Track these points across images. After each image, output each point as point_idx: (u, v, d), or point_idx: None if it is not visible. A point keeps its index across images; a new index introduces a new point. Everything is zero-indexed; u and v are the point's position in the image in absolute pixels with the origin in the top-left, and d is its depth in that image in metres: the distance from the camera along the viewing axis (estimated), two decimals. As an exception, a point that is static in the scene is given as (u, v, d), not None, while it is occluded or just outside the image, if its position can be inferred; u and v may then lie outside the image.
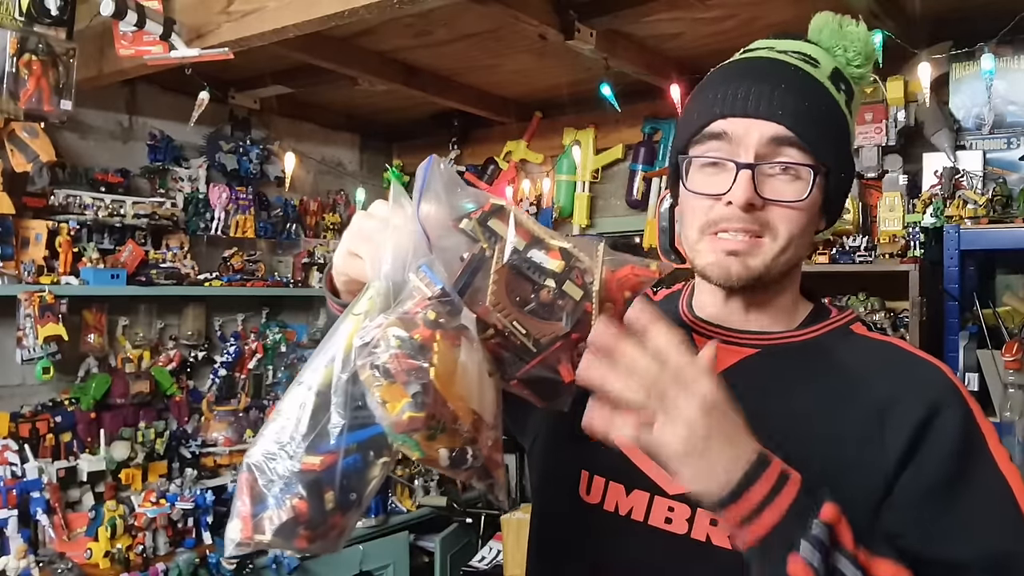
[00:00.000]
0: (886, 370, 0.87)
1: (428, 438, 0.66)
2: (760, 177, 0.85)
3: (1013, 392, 2.11)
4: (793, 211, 0.85)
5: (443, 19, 2.55)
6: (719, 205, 0.86)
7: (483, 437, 0.69)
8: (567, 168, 3.58)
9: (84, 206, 2.86)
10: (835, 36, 0.91)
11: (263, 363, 3.57)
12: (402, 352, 0.66)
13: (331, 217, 3.89)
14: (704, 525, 0.86)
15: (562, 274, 0.71)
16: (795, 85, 0.86)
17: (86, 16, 2.30)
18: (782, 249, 0.87)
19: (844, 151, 0.89)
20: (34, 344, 2.65)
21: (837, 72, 0.90)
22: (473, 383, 0.68)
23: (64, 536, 2.69)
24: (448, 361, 0.66)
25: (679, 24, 2.57)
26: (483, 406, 0.69)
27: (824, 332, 0.93)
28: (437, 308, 0.68)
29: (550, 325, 0.71)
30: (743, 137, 0.85)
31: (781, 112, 0.84)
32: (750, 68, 0.90)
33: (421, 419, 0.64)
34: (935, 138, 2.52)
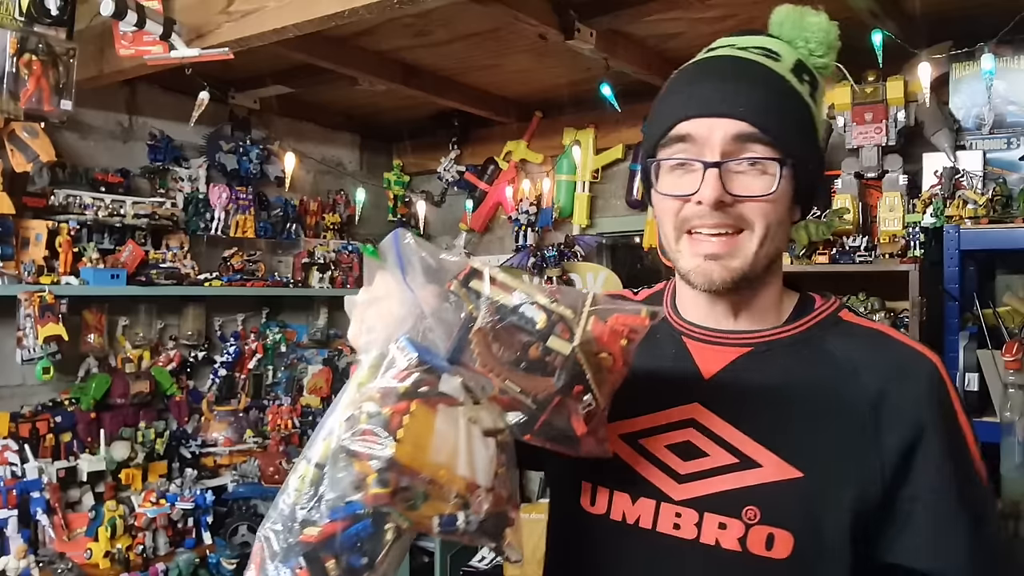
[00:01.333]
0: (876, 361, 0.88)
1: (409, 508, 0.68)
2: (728, 174, 0.85)
3: (1013, 392, 2.11)
4: (765, 204, 0.86)
5: (443, 19, 2.55)
6: (690, 205, 0.87)
7: (477, 500, 0.70)
8: (567, 168, 3.58)
9: (84, 206, 2.86)
10: (796, 28, 0.91)
11: (263, 363, 3.57)
12: (369, 428, 0.68)
13: (331, 217, 3.89)
14: (713, 529, 0.86)
15: (545, 330, 0.71)
16: (756, 80, 0.87)
17: (86, 16, 2.30)
18: (760, 243, 0.87)
19: (810, 141, 0.89)
20: (34, 344, 2.65)
21: (800, 64, 0.90)
22: (457, 449, 0.69)
23: (64, 536, 2.69)
24: (420, 432, 0.68)
25: (679, 24, 2.57)
26: (474, 469, 0.70)
27: (812, 324, 0.93)
28: (415, 377, 0.70)
29: (542, 381, 0.72)
30: (707, 136, 0.86)
31: (743, 108, 0.85)
32: (711, 67, 0.91)
33: (386, 495, 0.66)
34: (935, 138, 2.51)
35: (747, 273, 0.88)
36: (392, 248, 0.76)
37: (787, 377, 0.90)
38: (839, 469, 0.84)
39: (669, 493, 0.88)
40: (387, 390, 0.70)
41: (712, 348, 0.94)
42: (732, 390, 0.90)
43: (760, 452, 0.85)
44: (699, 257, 0.88)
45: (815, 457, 0.84)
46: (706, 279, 0.88)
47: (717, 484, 0.86)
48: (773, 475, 0.84)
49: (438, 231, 4.21)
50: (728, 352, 0.93)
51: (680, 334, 0.97)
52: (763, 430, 0.86)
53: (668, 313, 1.00)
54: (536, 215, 3.63)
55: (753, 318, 0.94)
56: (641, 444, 0.91)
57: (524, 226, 3.63)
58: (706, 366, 0.92)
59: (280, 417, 3.50)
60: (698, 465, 0.88)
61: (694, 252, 0.88)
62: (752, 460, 0.85)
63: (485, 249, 3.98)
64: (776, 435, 0.86)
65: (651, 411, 0.91)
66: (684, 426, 0.90)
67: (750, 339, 0.93)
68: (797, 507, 0.84)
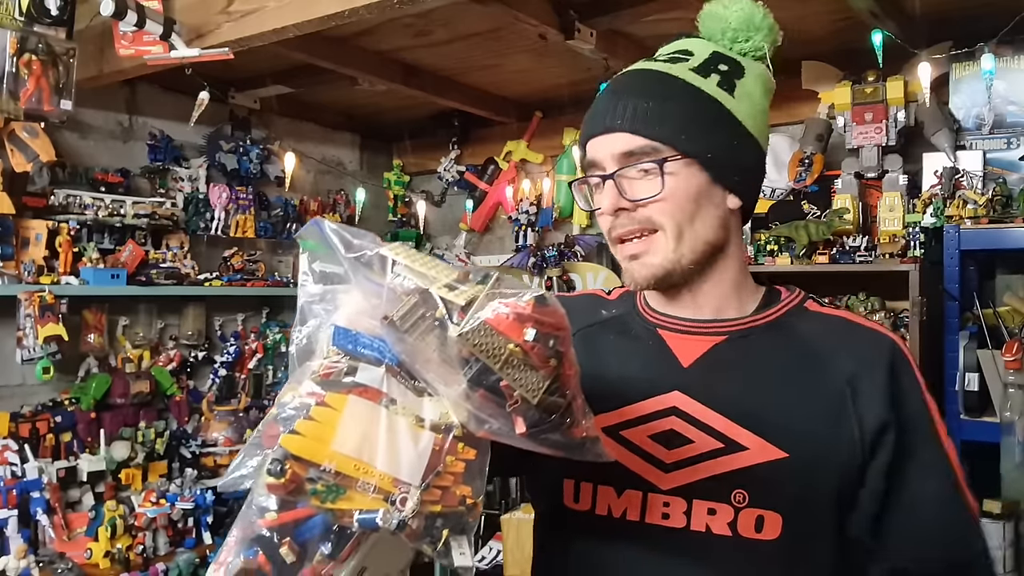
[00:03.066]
0: (847, 343, 0.92)
1: (321, 501, 0.65)
2: (624, 182, 0.91)
3: (1013, 392, 2.11)
4: (663, 203, 0.90)
5: (443, 19, 2.55)
6: (607, 216, 0.93)
7: (400, 497, 0.66)
8: (567, 168, 3.58)
9: (84, 206, 2.86)
10: (715, 20, 0.96)
11: (263, 363, 3.57)
12: (275, 419, 0.68)
13: (331, 217, 3.88)
14: (702, 515, 0.87)
15: (443, 319, 0.67)
16: (637, 90, 0.92)
17: (86, 16, 2.30)
18: (676, 238, 0.90)
19: (711, 132, 0.91)
20: (34, 344, 2.64)
21: (714, 56, 0.94)
22: (373, 441, 0.67)
23: (64, 536, 2.69)
24: (326, 422, 0.66)
25: (679, 24, 2.55)
26: (397, 464, 0.67)
27: (783, 313, 0.96)
28: (336, 367, 0.69)
29: (452, 374, 0.68)
30: (602, 153, 0.92)
31: (620, 121, 0.90)
32: (609, 87, 0.96)
33: (279, 485, 0.65)
34: (935, 138, 2.51)
35: (669, 268, 0.92)
36: (321, 238, 0.74)
37: (765, 361, 0.92)
38: (822, 448, 0.86)
39: (656, 483, 0.89)
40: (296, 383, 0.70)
41: (689, 338, 0.96)
42: (712, 376, 0.92)
43: (744, 435, 0.87)
44: (625, 259, 0.94)
45: (799, 437, 0.87)
46: (631, 278, 0.95)
47: (704, 470, 0.87)
48: (759, 457, 0.86)
49: (438, 231, 4.21)
50: (704, 341, 0.95)
51: (655, 327, 0.98)
52: (746, 413, 0.88)
53: (642, 309, 1.02)
54: (536, 215, 3.63)
55: (716, 305, 0.97)
56: (623, 436, 0.92)
57: (524, 226, 3.63)
58: (684, 355, 0.94)
59: (280, 417, 3.49)
60: (683, 452, 0.89)
61: (622, 256, 0.94)
62: (737, 443, 0.87)
63: (485, 249, 3.98)
64: (759, 418, 0.88)
65: (631, 402, 0.93)
66: (666, 415, 0.91)
67: (725, 328, 0.95)
68: (784, 487, 0.85)
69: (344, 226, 0.73)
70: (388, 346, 0.70)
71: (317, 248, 0.74)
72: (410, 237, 4.11)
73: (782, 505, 0.85)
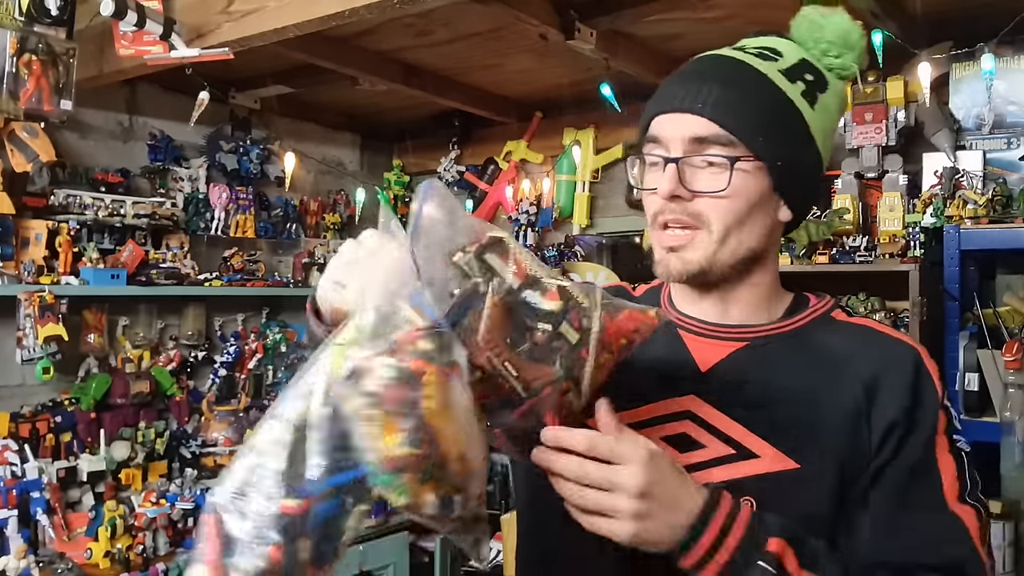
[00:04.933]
0: (867, 352, 0.90)
1: (419, 481, 0.61)
2: (688, 170, 0.87)
3: (1013, 392, 2.11)
4: (721, 201, 0.87)
5: (443, 19, 2.55)
6: (657, 199, 0.89)
7: (471, 486, 0.65)
8: (567, 168, 3.58)
9: (84, 206, 2.86)
10: (811, 28, 0.92)
11: (263, 363, 3.57)
12: (394, 383, 0.60)
13: (331, 217, 3.89)
14: None
15: (559, 315, 0.68)
16: (725, 78, 0.88)
17: (86, 16, 2.30)
18: (720, 240, 0.88)
19: (786, 140, 0.89)
20: (34, 344, 2.64)
21: (803, 64, 0.91)
22: (463, 425, 0.64)
23: (64, 536, 2.68)
24: (440, 397, 0.62)
25: (680, 24, 2.57)
26: (472, 451, 0.65)
27: (808, 321, 0.95)
28: (429, 341, 0.63)
29: (543, 369, 0.67)
30: (671, 133, 0.88)
31: (701, 105, 0.86)
32: (691, 67, 0.93)
33: (416, 457, 0.60)
34: (935, 138, 2.51)
35: (705, 268, 0.89)
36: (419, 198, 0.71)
37: (783, 370, 0.91)
38: (834, 460, 0.85)
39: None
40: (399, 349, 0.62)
41: (708, 342, 0.94)
42: (729, 382, 0.91)
43: (757, 443, 0.86)
44: (661, 249, 0.91)
45: (811, 448, 0.86)
46: (664, 270, 0.91)
47: (714, 475, 0.86)
48: (770, 466, 0.85)
49: (438, 231, 4.21)
50: (725, 346, 0.93)
51: (676, 327, 0.97)
52: (760, 421, 0.87)
53: (665, 307, 1.01)
54: (536, 215, 3.63)
55: (744, 312, 0.95)
56: None
57: (524, 226, 3.63)
58: (702, 358, 0.93)
59: (280, 417, 3.49)
60: (695, 456, 0.88)
61: (659, 244, 0.92)
62: (749, 451, 0.86)
63: (485, 249, 3.98)
64: (773, 426, 0.87)
65: (646, 403, 0.92)
66: (680, 418, 0.90)
67: (746, 334, 0.94)
68: (793, 498, 0.85)
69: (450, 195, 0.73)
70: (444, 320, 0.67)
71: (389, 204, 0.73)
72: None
73: (791, 515, 0.84)
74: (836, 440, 0.86)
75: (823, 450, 0.86)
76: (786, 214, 0.93)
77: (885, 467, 0.86)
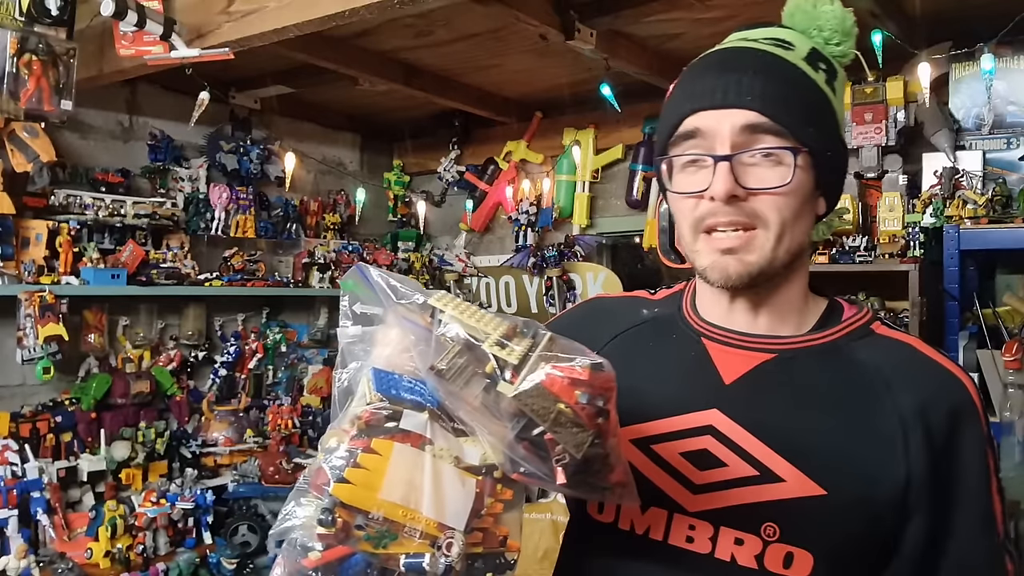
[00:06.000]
0: (910, 377, 0.84)
1: (374, 547, 0.66)
2: (739, 167, 0.82)
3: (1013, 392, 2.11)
4: (780, 197, 0.82)
5: (443, 19, 2.55)
6: (704, 202, 0.83)
7: (447, 541, 0.68)
8: (567, 168, 3.58)
9: (84, 206, 2.86)
10: (808, 18, 0.89)
11: (263, 363, 3.57)
12: (321, 465, 0.68)
13: (331, 217, 3.89)
14: (728, 544, 0.82)
15: (493, 374, 0.68)
16: (765, 69, 0.83)
17: (86, 16, 2.30)
18: (777, 238, 0.83)
19: (828, 130, 0.86)
20: (34, 344, 2.65)
21: (815, 52, 0.87)
22: (418, 487, 0.68)
23: (64, 536, 2.69)
24: (373, 469, 0.67)
25: (679, 24, 2.57)
26: (441, 509, 0.68)
27: (843, 335, 0.88)
28: (379, 413, 0.69)
29: (500, 427, 0.69)
30: (716, 129, 0.82)
31: (750, 98, 0.81)
32: (719, 60, 0.88)
33: (331, 535, 0.66)
34: (935, 138, 2.52)
35: (764, 269, 0.84)
36: (363, 280, 0.74)
37: (813, 387, 0.85)
38: (864, 489, 0.80)
39: (683, 503, 0.84)
40: (341, 428, 0.70)
41: (734, 352, 0.88)
42: (754, 398, 0.85)
43: (782, 466, 0.81)
44: (716, 253, 0.84)
45: (839, 474, 0.80)
46: (723, 274, 0.84)
47: (735, 497, 0.82)
48: (795, 491, 0.80)
49: (438, 231, 4.22)
50: (751, 357, 0.88)
51: (700, 335, 0.91)
52: (786, 442, 0.82)
53: (687, 313, 0.95)
54: (536, 215, 3.63)
55: (774, 320, 0.89)
56: (653, 450, 0.86)
57: (524, 226, 3.63)
58: (727, 371, 0.87)
59: (280, 417, 3.49)
60: (715, 475, 0.83)
61: (711, 248, 0.85)
62: (774, 474, 0.81)
63: (485, 249, 3.99)
64: (799, 448, 0.82)
65: (666, 415, 0.87)
66: (701, 433, 0.85)
67: (775, 345, 0.88)
68: (818, 526, 0.80)
69: (387, 272, 0.74)
70: (427, 388, 0.71)
71: (357, 289, 0.75)
72: (410, 237, 4.11)
73: (814, 544, 0.79)
74: (868, 468, 0.80)
75: (851, 477, 0.80)
76: (823, 207, 0.89)
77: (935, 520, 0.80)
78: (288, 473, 3.17)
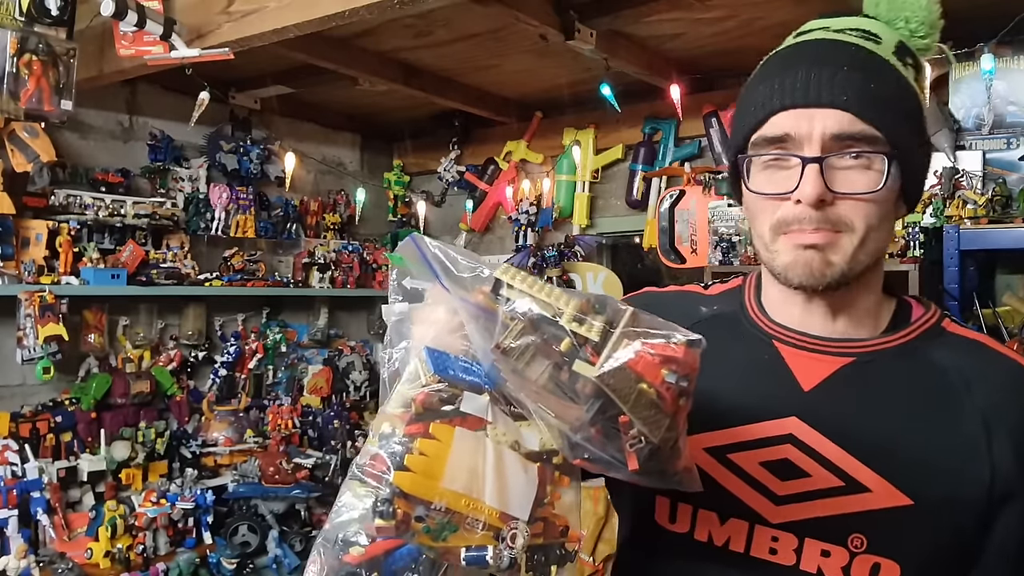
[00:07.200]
0: (987, 376, 0.82)
1: (433, 539, 0.62)
2: (829, 170, 0.78)
3: (1013, 392, 2.11)
4: (868, 203, 0.78)
5: (443, 19, 2.55)
6: (788, 204, 0.79)
7: (511, 533, 0.63)
8: (567, 168, 3.58)
9: (84, 206, 2.86)
10: (894, 7, 0.85)
11: (263, 363, 3.58)
12: (377, 452, 0.63)
13: (331, 217, 3.89)
14: (815, 556, 0.80)
15: (570, 352, 0.63)
16: (858, 65, 0.79)
17: (86, 16, 2.30)
18: (861, 243, 0.79)
19: (917, 131, 0.82)
20: (34, 344, 2.65)
21: (902, 46, 0.83)
22: (481, 475, 0.63)
23: (64, 536, 2.69)
24: (434, 456, 0.63)
25: (679, 24, 2.57)
26: (505, 498, 0.63)
27: (917, 335, 0.86)
28: (435, 395, 0.64)
29: (572, 409, 0.64)
30: (807, 128, 0.78)
31: (846, 97, 0.77)
32: (807, 52, 0.82)
33: (390, 527, 0.61)
34: (935, 138, 2.51)
35: (846, 272, 0.80)
36: (415, 253, 0.70)
37: (894, 391, 0.82)
38: (950, 496, 0.78)
39: (765, 515, 0.82)
40: (405, 408, 0.65)
41: (810, 356, 0.85)
42: (835, 404, 0.82)
43: (867, 475, 0.79)
44: (798, 249, 0.80)
45: (926, 482, 0.78)
46: (806, 271, 0.80)
47: (820, 508, 0.79)
48: (882, 501, 0.78)
49: (438, 231, 4.21)
50: (829, 362, 0.84)
51: (771, 338, 0.87)
52: (870, 450, 0.79)
53: (753, 313, 0.91)
54: (536, 215, 3.63)
55: (852, 322, 0.86)
56: (730, 459, 0.83)
57: (524, 226, 3.63)
58: (805, 376, 0.84)
59: (280, 417, 3.50)
60: (799, 486, 0.80)
61: (792, 244, 0.80)
62: (859, 483, 0.79)
63: (485, 249, 3.98)
64: (884, 456, 0.79)
65: (742, 423, 0.83)
66: (781, 442, 0.82)
67: (852, 348, 0.84)
68: (906, 536, 0.78)
69: (445, 244, 0.70)
70: (483, 369, 0.67)
71: (407, 263, 0.71)
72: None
73: (902, 554, 0.78)
74: (953, 474, 0.78)
75: (937, 484, 0.78)
76: (903, 210, 0.85)
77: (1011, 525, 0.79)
78: (288, 473, 3.17)
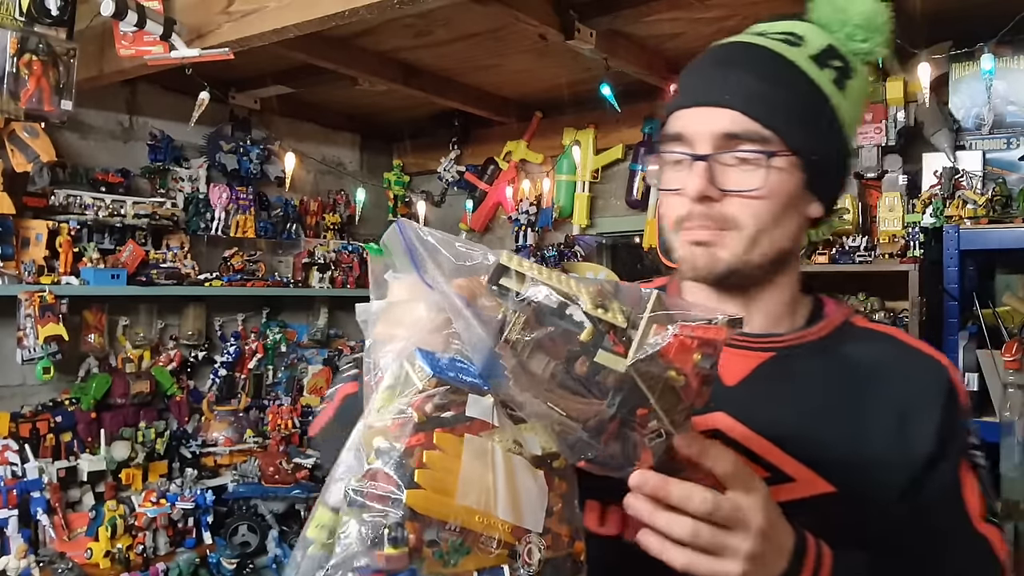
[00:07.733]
0: (898, 366, 0.86)
1: (444, 565, 0.55)
2: (717, 168, 0.81)
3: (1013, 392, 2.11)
4: (755, 201, 0.80)
5: (443, 19, 2.55)
6: (685, 201, 0.83)
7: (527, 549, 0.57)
8: (567, 168, 3.58)
9: (84, 206, 2.86)
10: (834, 10, 0.86)
11: (263, 363, 3.58)
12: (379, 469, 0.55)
13: (331, 217, 3.89)
14: None
15: (592, 341, 0.56)
16: (753, 67, 0.82)
17: (86, 16, 2.30)
18: (751, 240, 0.82)
19: (822, 131, 0.83)
20: (34, 344, 2.65)
21: (829, 50, 0.85)
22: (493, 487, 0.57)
23: (64, 536, 2.69)
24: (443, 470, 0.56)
25: (679, 24, 2.57)
26: (519, 510, 0.57)
27: (832, 330, 0.89)
28: (437, 400, 0.57)
29: (592, 405, 0.57)
30: (698, 128, 0.82)
31: (731, 97, 0.80)
32: (715, 55, 0.87)
33: (402, 556, 0.53)
34: (935, 138, 2.52)
35: (735, 268, 0.83)
36: (400, 242, 0.64)
37: (813, 384, 0.85)
38: (871, 481, 0.81)
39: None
40: (402, 419, 0.57)
41: (732, 352, 0.85)
42: (758, 398, 0.85)
43: (791, 465, 0.81)
44: (687, 245, 0.84)
45: (847, 469, 0.81)
46: (690, 265, 0.84)
47: None
48: (806, 490, 0.80)
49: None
50: (750, 357, 0.87)
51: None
52: (792, 441, 0.81)
53: None
54: (536, 215, 3.63)
55: (770, 320, 0.89)
56: None
57: (524, 226, 3.63)
58: (728, 372, 0.85)
59: (280, 417, 3.50)
60: None
61: (683, 241, 0.85)
62: (784, 473, 0.81)
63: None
64: (806, 447, 0.81)
65: None
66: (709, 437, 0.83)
67: (771, 344, 0.88)
68: (831, 523, 0.78)
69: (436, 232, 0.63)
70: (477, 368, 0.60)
71: (390, 254, 0.64)
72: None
73: (828, 541, 0.78)
74: (872, 461, 0.81)
75: (858, 470, 0.80)
76: (816, 210, 0.87)
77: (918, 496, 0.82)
78: (288, 473, 3.17)
